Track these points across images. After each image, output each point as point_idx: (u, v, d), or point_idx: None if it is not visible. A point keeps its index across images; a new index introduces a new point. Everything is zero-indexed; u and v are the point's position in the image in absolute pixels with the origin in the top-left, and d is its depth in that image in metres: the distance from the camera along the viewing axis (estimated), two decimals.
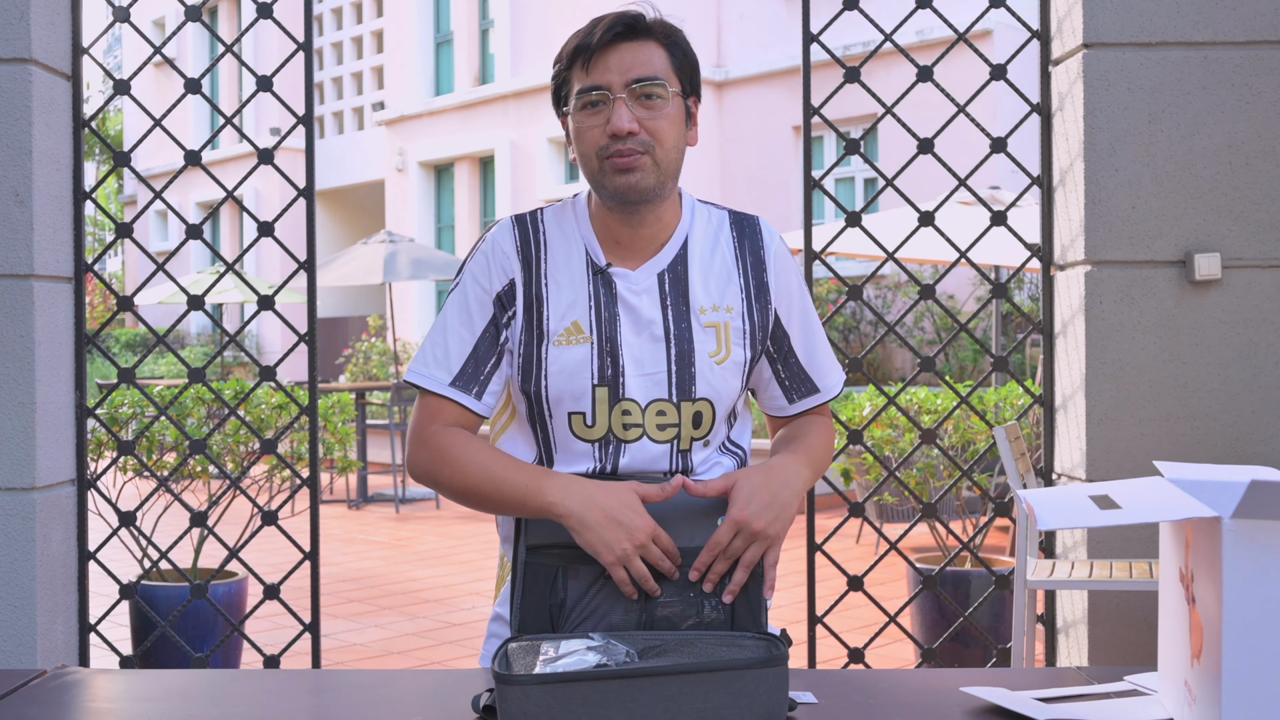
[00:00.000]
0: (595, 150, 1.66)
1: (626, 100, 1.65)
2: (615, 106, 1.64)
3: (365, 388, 10.41)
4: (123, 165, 3.19)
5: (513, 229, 1.73)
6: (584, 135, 1.67)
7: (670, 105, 1.67)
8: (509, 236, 1.72)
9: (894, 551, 3.20)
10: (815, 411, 1.84)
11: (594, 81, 1.66)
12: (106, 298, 22.02)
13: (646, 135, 1.65)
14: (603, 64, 1.66)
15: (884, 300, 12.64)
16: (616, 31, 1.66)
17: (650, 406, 1.68)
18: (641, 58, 1.66)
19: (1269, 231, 2.87)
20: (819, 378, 1.82)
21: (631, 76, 1.65)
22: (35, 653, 2.83)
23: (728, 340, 1.72)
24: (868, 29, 11.63)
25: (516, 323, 1.70)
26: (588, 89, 1.66)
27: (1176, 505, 1.23)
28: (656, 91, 1.66)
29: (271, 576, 3.48)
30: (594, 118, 1.66)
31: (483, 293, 1.71)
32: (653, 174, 1.66)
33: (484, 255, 1.72)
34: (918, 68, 3.13)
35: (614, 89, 1.65)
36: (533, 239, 1.72)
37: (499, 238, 1.73)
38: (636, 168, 1.65)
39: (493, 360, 1.70)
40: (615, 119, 1.64)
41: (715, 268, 1.74)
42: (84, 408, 3.07)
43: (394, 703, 1.50)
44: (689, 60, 1.72)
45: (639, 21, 1.67)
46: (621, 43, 1.66)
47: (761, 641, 1.38)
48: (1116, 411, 2.87)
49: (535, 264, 1.71)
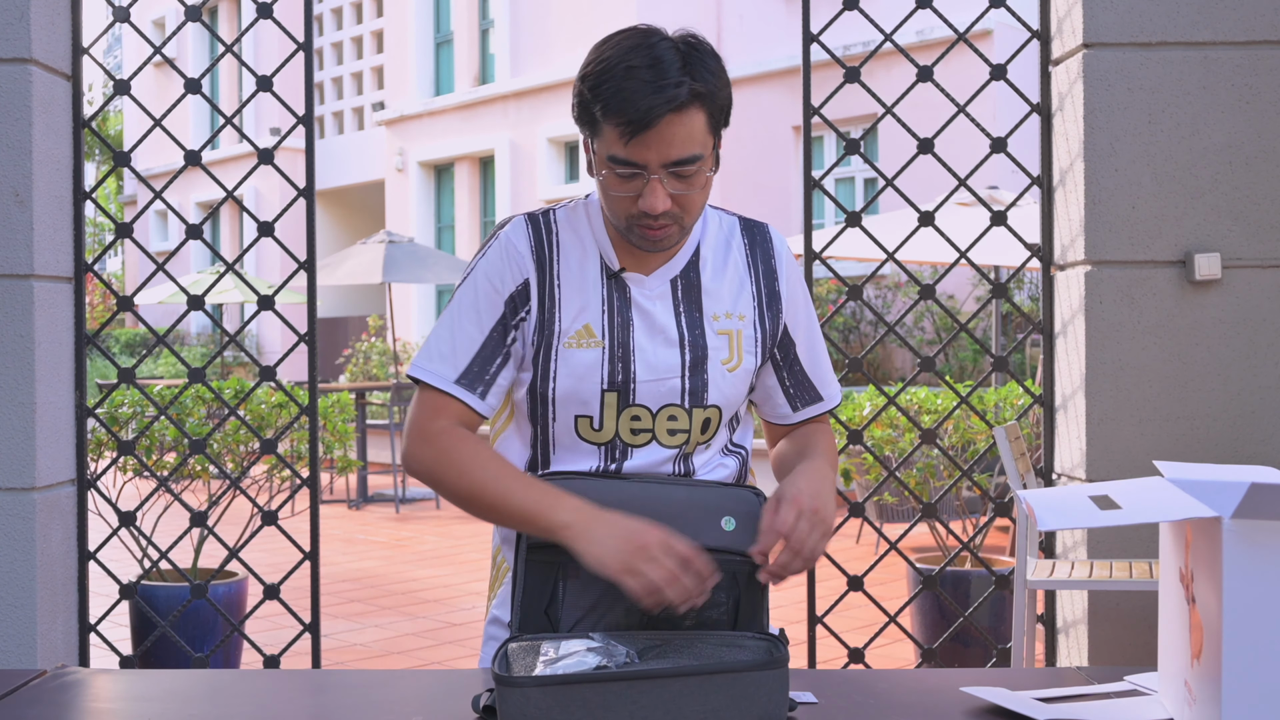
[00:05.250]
0: (624, 214, 1.61)
1: (662, 179, 1.58)
2: (651, 186, 1.57)
3: (365, 388, 10.42)
4: (123, 165, 3.19)
5: (526, 227, 1.70)
6: (614, 198, 1.61)
7: (704, 174, 1.61)
8: (523, 235, 1.69)
9: (894, 551, 3.20)
10: (816, 420, 1.83)
11: (631, 157, 1.56)
12: (106, 298, 22.01)
13: (678, 209, 1.60)
14: (642, 140, 1.55)
15: (884, 300, 12.64)
16: (660, 113, 1.54)
17: (662, 412, 1.67)
18: (682, 134, 1.56)
19: (1269, 231, 2.87)
20: (822, 386, 1.81)
21: (671, 158, 1.56)
22: (35, 653, 2.83)
23: (739, 348, 1.71)
24: (868, 29, 11.62)
25: (530, 322, 1.67)
26: (623, 162, 1.57)
27: (1176, 505, 1.23)
28: (693, 170, 1.59)
29: (271, 576, 3.48)
30: (626, 185, 1.59)
31: (494, 292, 1.67)
32: (678, 236, 1.64)
33: (498, 253, 1.68)
34: (918, 68, 3.13)
35: (651, 168, 1.57)
36: (546, 239, 1.69)
37: (513, 236, 1.69)
38: (665, 238, 1.62)
39: (499, 360, 1.67)
40: (650, 200, 1.57)
41: (728, 275, 1.72)
42: (84, 408, 3.07)
43: (394, 703, 1.50)
44: (724, 108, 1.62)
45: (682, 97, 1.54)
46: (663, 115, 1.54)
47: (762, 642, 1.38)
48: (1116, 411, 2.87)
49: (549, 264, 1.68)
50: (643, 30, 1.59)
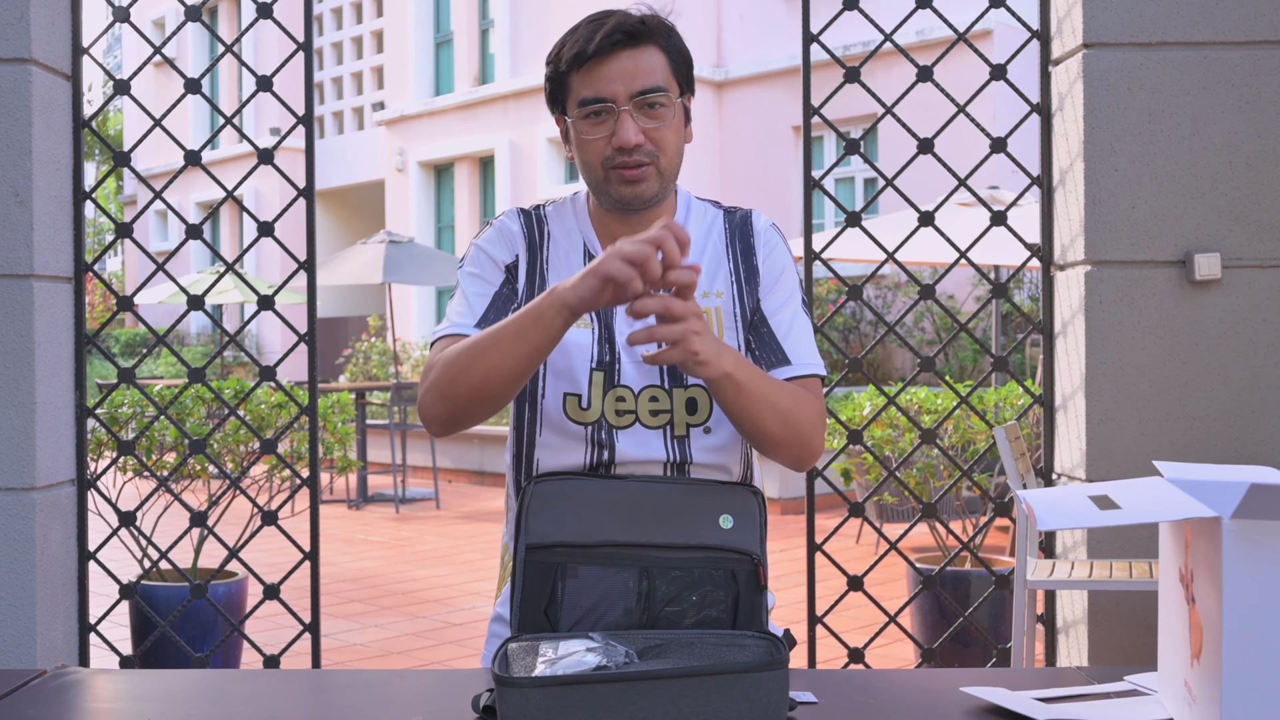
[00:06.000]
0: (600, 160, 1.67)
1: (631, 112, 1.65)
2: (621, 119, 1.64)
3: (365, 388, 10.42)
4: (123, 165, 3.19)
5: (519, 215, 1.79)
6: (587, 145, 1.68)
7: (672, 112, 1.68)
8: (516, 221, 1.78)
9: (894, 551, 3.19)
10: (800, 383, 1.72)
11: (597, 92, 1.65)
12: (106, 298, 22.01)
13: (651, 145, 1.66)
14: (604, 73, 1.64)
15: (884, 300, 12.64)
16: (617, 40, 1.64)
17: (644, 392, 1.69)
18: (644, 66, 1.65)
19: (1269, 231, 2.87)
20: (792, 352, 1.72)
21: (636, 88, 1.64)
22: (35, 653, 2.83)
23: (719, 325, 1.73)
24: (868, 29, 11.62)
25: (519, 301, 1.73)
26: (591, 99, 1.65)
27: (1176, 505, 1.23)
28: (660, 100, 1.66)
29: (271, 576, 3.48)
30: (598, 128, 1.66)
31: (492, 261, 1.74)
32: (656, 182, 1.69)
33: (493, 232, 1.77)
34: (918, 68, 3.13)
35: (619, 101, 1.64)
36: (537, 228, 1.77)
37: (507, 221, 1.78)
38: (642, 178, 1.67)
39: (513, 306, 1.71)
40: (622, 132, 1.64)
41: (707, 257, 1.76)
42: (84, 408, 3.07)
43: (394, 703, 1.50)
44: (685, 60, 1.72)
45: (640, 28, 1.66)
46: (622, 50, 1.65)
47: (762, 642, 1.38)
48: (1116, 411, 2.87)
49: (539, 250, 1.75)
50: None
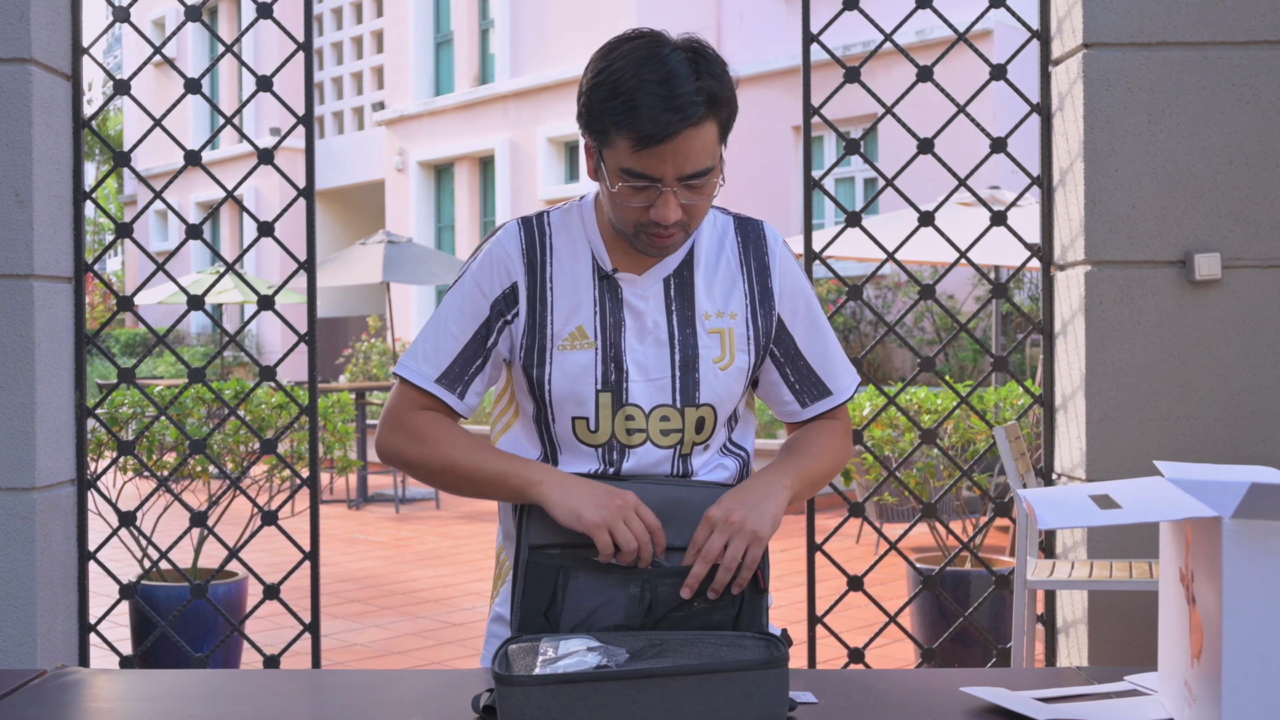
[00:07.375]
0: (633, 221, 1.62)
1: (675, 190, 1.59)
2: (664, 197, 1.58)
3: (365, 388, 10.42)
4: (123, 165, 3.19)
5: (519, 232, 1.73)
6: (622, 206, 1.62)
7: (715, 180, 1.62)
8: (514, 239, 1.72)
9: (894, 551, 3.19)
10: (829, 416, 1.82)
11: (645, 169, 1.57)
12: (106, 298, 22.01)
13: (686, 217, 1.62)
14: (658, 152, 1.55)
15: (884, 300, 12.64)
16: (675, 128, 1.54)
17: (654, 412, 1.68)
18: (697, 147, 1.57)
19: (1269, 231, 2.87)
20: (830, 380, 1.79)
21: (686, 170, 1.57)
22: (35, 653, 2.83)
23: (732, 346, 1.72)
24: (868, 29, 11.62)
25: (519, 323, 1.70)
26: (638, 175, 1.58)
27: (1176, 505, 1.23)
28: (706, 178, 1.60)
29: (271, 576, 3.48)
30: (638, 195, 1.60)
31: (480, 296, 1.71)
32: (682, 241, 1.66)
33: (487, 257, 1.73)
34: (918, 68, 3.13)
35: (665, 181, 1.58)
36: (538, 242, 1.72)
37: (504, 240, 1.73)
38: (672, 245, 1.65)
39: (479, 362, 1.72)
40: (663, 209, 1.59)
41: (720, 274, 1.73)
42: (84, 408, 3.07)
43: (394, 703, 1.50)
44: (733, 114, 1.62)
45: (696, 110, 1.55)
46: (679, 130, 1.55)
47: (762, 642, 1.38)
48: (1116, 411, 2.87)
49: (540, 267, 1.71)
50: (649, 39, 1.59)
